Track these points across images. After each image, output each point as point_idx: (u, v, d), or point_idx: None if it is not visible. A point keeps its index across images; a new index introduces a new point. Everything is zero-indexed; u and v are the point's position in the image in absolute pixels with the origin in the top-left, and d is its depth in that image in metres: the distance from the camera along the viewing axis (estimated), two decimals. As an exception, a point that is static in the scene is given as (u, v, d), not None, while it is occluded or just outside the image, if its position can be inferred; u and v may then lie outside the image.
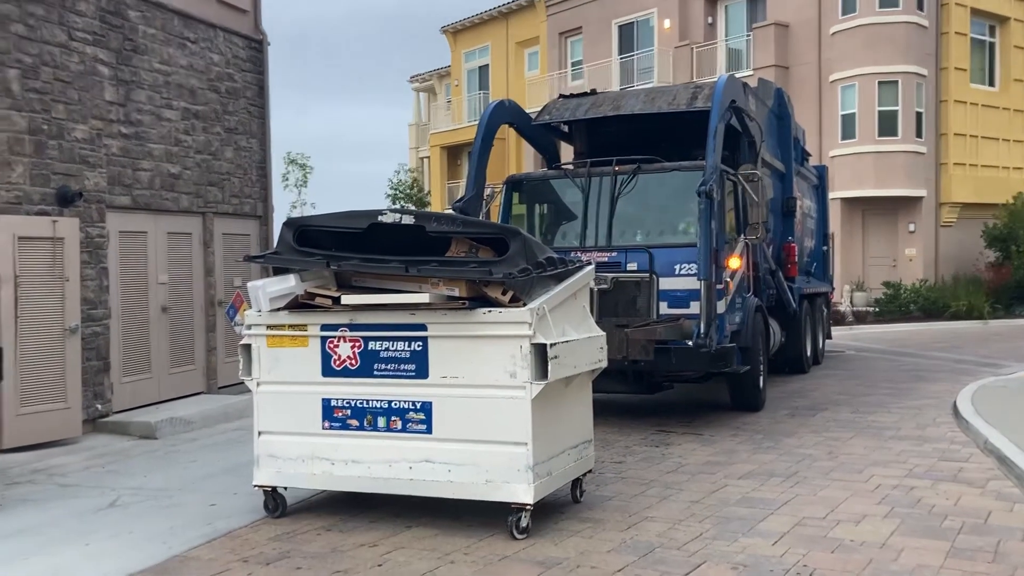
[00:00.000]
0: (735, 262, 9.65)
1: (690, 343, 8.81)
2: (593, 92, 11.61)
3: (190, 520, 6.31)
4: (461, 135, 35.61)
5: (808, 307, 13.66)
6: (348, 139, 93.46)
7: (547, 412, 5.76)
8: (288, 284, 6.21)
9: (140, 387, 10.59)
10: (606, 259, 9.39)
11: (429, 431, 5.80)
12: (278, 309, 6.18)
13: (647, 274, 9.23)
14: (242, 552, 5.57)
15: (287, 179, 38.85)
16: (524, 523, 5.65)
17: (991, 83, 28.20)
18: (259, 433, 6.28)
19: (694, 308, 8.97)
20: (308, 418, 6.11)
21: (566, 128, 11.68)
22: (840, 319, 22.08)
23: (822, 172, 16.17)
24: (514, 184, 10.83)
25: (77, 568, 5.37)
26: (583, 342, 6.09)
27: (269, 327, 6.21)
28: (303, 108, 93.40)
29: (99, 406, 9.75)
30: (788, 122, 12.98)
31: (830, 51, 25.98)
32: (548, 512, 6.15)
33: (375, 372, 5.94)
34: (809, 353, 13.85)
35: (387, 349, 5.91)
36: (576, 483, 6.46)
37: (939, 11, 26.29)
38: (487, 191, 10.56)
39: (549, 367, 5.55)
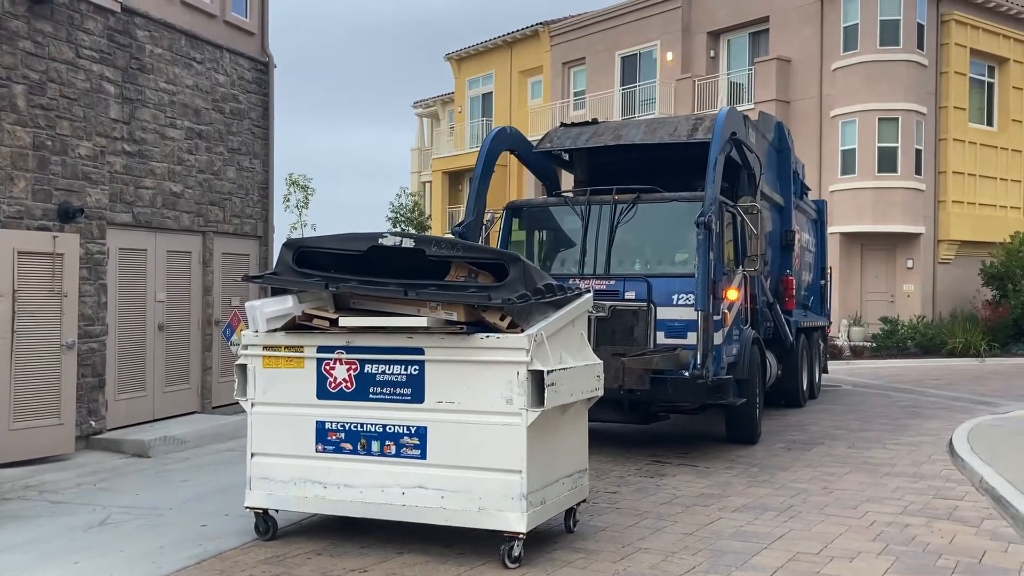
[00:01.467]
0: (733, 294, 9.63)
1: (686, 373, 8.80)
2: (595, 121, 11.68)
3: (180, 540, 6.27)
4: (463, 160, 35.74)
5: (805, 341, 13.62)
6: (350, 162, 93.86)
7: (542, 440, 5.74)
8: (286, 305, 6.21)
9: (134, 405, 10.55)
10: (604, 287, 9.42)
11: (423, 456, 5.78)
12: (275, 330, 6.18)
13: (645, 303, 9.26)
14: (232, 574, 5.53)
15: (288, 200, 38.91)
16: (516, 552, 5.62)
17: (990, 123, 28.39)
18: (252, 455, 6.25)
19: (691, 338, 8.94)
20: (301, 440, 6.09)
21: (567, 156, 11.74)
22: (837, 353, 22.10)
23: (821, 207, 16.20)
24: (514, 210, 10.87)
25: (65, 586, 5.33)
26: (580, 370, 6.09)
27: (265, 348, 6.20)
28: (307, 130, 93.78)
29: (93, 423, 9.72)
30: (788, 156, 13.03)
31: (831, 87, 26.18)
32: (541, 541, 6.11)
33: (370, 395, 5.92)
34: (805, 387, 13.78)
35: (383, 372, 5.90)
36: (570, 512, 6.42)
37: (939, 50, 26.53)
38: (487, 216, 10.61)
39: (546, 394, 5.53)
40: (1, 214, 8.72)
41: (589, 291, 6.92)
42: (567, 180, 12.65)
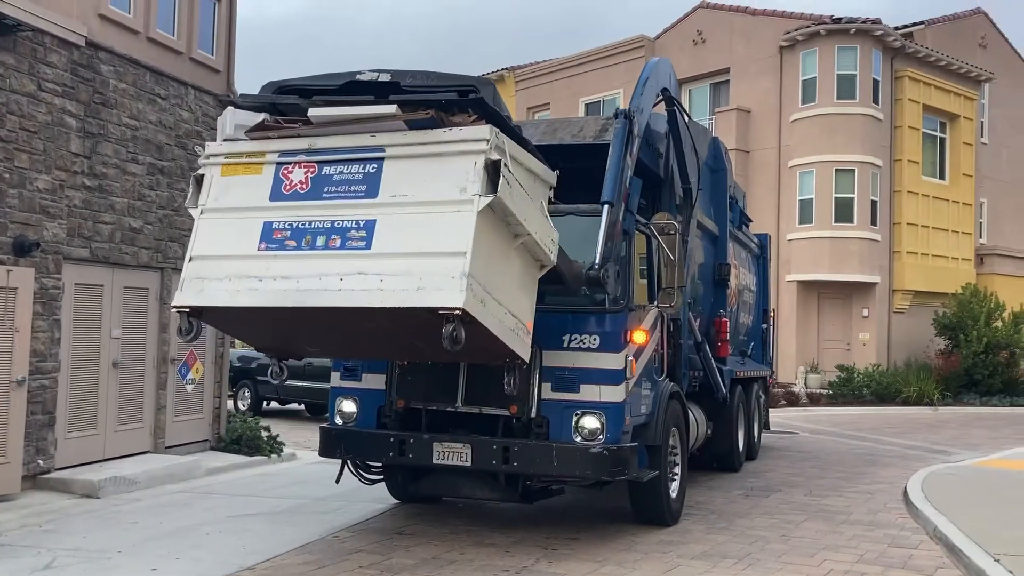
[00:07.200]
0: (640, 336, 7.70)
1: (578, 439, 7.06)
2: None
3: (129, 585, 6.10)
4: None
5: (742, 393, 12.06)
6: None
7: (491, 247, 5.81)
8: (257, 119, 6.32)
9: (85, 444, 10.30)
10: None
11: (368, 247, 5.76)
12: (239, 139, 6.29)
13: None
14: (181, 621, 5.39)
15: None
16: (456, 333, 5.51)
17: (942, 176, 29.18)
18: (190, 259, 6.22)
19: (586, 393, 7.16)
20: (245, 241, 6.04)
21: None
22: (794, 400, 22.42)
23: (764, 241, 14.69)
24: None
25: (6, 633, 5.15)
26: (538, 208, 6.37)
27: (227, 156, 6.27)
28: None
29: (41, 462, 9.46)
30: (724, 177, 11.37)
31: (790, 137, 26.76)
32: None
33: (324, 195, 5.95)
34: (742, 447, 12.05)
35: (341, 172, 5.98)
36: (510, 371, 6.61)
37: (893, 105, 27.30)
38: None
39: (500, 182, 5.62)
40: (-46, 246, 8.55)
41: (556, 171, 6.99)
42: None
